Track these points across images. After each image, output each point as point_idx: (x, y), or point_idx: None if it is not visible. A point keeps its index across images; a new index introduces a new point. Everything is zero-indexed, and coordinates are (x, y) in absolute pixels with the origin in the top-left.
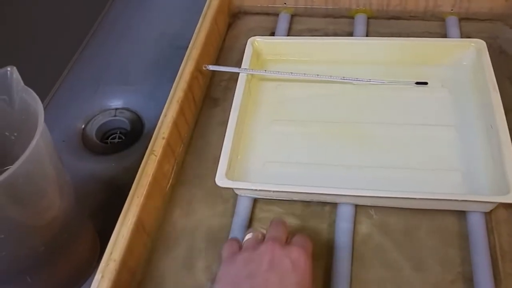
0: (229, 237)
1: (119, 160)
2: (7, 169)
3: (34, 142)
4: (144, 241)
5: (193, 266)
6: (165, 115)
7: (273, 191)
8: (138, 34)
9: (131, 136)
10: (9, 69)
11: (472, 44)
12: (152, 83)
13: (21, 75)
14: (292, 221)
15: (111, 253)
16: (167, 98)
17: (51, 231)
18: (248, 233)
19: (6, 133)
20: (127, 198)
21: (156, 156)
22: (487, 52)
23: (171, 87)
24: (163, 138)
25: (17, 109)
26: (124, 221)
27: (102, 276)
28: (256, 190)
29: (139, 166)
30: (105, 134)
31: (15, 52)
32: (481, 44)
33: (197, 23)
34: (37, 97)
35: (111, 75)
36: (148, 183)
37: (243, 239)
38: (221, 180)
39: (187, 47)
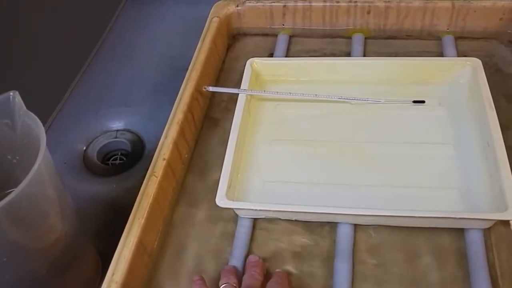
0: (231, 254)
1: (120, 182)
2: (10, 192)
3: (36, 166)
4: (145, 262)
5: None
6: (166, 136)
7: (273, 211)
8: (138, 57)
9: (132, 158)
10: (11, 93)
11: (468, 62)
12: (153, 104)
13: (22, 98)
14: (292, 241)
15: (112, 275)
16: (167, 119)
17: (54, 253)
18: (223, 283)
19: (8, 157)
20: (128, 220)
21: (156, 177)
22: (483, 70)
23: (172, 108)
24: (164, 159)
25: (19, 133)
26: (126, 242)
27: None
28: (256, 210)
29: (140, 187)
30: (106, 155)
31: (17, 76)
32: (477, 62)
33: (196, 45)
34: (39, 121)
35: (112, 97)
36: (149, 204)
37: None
38: (221, 200)
39: (187, 68)
